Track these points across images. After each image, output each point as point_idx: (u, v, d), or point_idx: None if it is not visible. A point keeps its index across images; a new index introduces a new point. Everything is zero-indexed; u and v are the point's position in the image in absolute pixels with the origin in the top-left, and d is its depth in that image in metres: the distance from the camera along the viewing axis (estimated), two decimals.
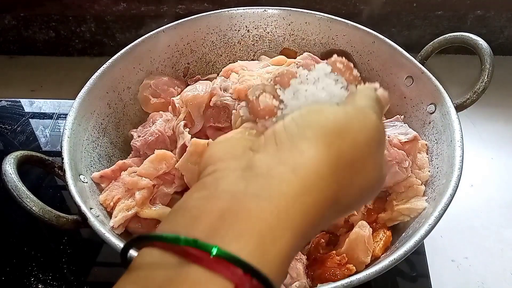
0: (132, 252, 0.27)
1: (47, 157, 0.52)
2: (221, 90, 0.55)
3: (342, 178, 0.28)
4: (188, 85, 0.63)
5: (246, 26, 0.73)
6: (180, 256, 0.23)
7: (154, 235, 0.24)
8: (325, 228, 0.29)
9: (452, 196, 0.48)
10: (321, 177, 0.26)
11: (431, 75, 0.60)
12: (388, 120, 0.62)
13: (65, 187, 0.50)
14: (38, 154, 0.52)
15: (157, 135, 0.58)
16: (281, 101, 0.32)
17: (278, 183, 0.26)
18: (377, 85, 0.35)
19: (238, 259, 0.22)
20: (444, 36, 0.63)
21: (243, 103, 0.35)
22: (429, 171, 0.57)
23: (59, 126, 0.81)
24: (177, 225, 0.25)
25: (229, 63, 0.67)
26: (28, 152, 0.51)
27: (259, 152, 0.28)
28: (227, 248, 0.22)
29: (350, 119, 0.29)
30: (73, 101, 0.58)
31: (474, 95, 0.59)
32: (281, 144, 0.27)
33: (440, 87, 0.59)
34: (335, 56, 0.35)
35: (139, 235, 0.25)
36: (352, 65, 0.35)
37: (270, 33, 0.74)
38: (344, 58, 0.35)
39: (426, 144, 0.59)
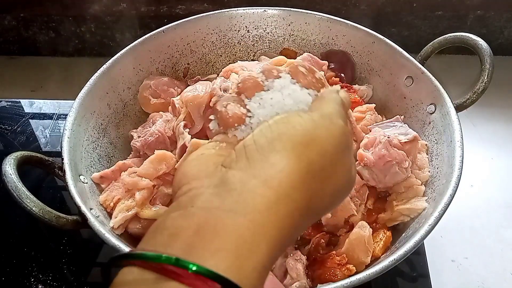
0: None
1: (47, 158, 0.52)
2: (221, 91, 0.55)
3: (313, 186, 0.28)
4: (188, 85, 0.63)
5: (246, 27, 0.73)
6: (158, 274, 0.23)
7: (136, 254, 0.25)
8: (299, 236, 0.30)
9: (452, 196, 0.48)
10: (293, 187, 0.27)
11: (431, 75, 0.60)
12: (388, 120, 0.62)
13: (65, 187, 0.50)
14: (38, 155, 0.52)
15: (157, 135, 0.58)
16: (248, 110, 0.33)
17: (252, 197, 0.26)
18: (338, 87, 0.36)
19: (215, 274, 0.23)
20: (444, 36, 0.63)
21: (211, 117, 0.35)
22: (429, 171, 0.57)
23: (59, 126, 0.82)
24: (156, 243, 0.25)
25: (229, 63, 0.67)
26: (28, 152, 0.51)
27: (231, 168, 0.28)
28: (205, 264, 0.23)
29: (317, 128, 0.30)
30: (73, 101, 0.58)
31: (474, 95, 0.59)
32: (252, 158, 0.28)
33: (440, 87, 0.59)
34: (297, 59, 0.36)
35: (121, 253, 0.26)
36: (314, 68, 0.36)
37: (270, 33, 0.74)
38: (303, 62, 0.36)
39: (426, 145, 0.59)
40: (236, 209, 0.26)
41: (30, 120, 0.83)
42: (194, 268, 0.23)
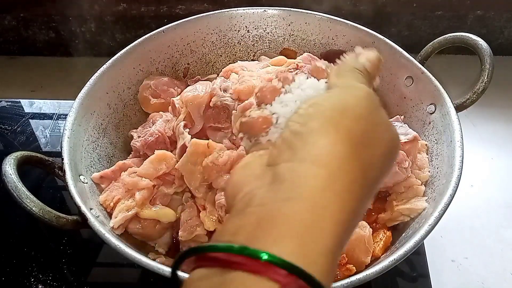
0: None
1: (47, 158, 0.52)
2: (221, 91, 0.55)
3: (360, 151, 0.28)
4: (188, 85, 0.63)
5: (246, 27, 0.73)
6: (224, 268, 0.23)
7: (208, 246, 0.25)
8: (365, 211, 0.29)
9: (452, 196, 0.48)
10: (341, 159, 0.27)
11: (431, 75, 0.60)
12: None
13: (65, 187, 0.50)
14: (38, 155, 0.52)
15: (157, 135, 0.58)
16: (273, 113, 0.33)
17: (305, 181, 0.26)
18: (358, 50, 0.36)
19: (283, 261, 0.22)
20: (444, 36, 0.63)
21: (240, 135, 0.36)
22: (429, 171, 0.57)
23: (59, 126, 0.82)
24: (217, 244, 0.25)
25: (229, 63, 0.67)
26: (28, 152, 0.51)
27: (277, 164, 0.28)
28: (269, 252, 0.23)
29: (344, 97, 0.30)
30: (73, 101, 0.58)
31: (474, 95, 0.59)
32: (293, 146, 0.28)
33: (440, 87, 0.59)
34: (297, 59, 0.36)
35: (191, 247, 0.25)
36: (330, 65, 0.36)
37: (270, 33, 0.74)
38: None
39: (426, 145, 0.59)
40: (293, 197, 0.25)
41: (30, 120, 0.83)
42: (265, 257, 0.22)
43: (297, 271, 0.22)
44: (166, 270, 0.39)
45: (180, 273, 0.28)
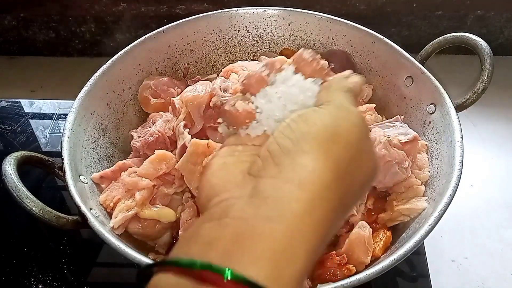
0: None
1: (47, 158, 0.52)
2: (221, 91, 0.55)
3: (344, 181, 0.28)
4: (188, 85, 0.63)
5: (246, 27, 0.73)
6: (194, 280, 0.23)
7: (171, 261, 0.24)
8: (332, 237, 0.30)
9: (452, 196, 0.48)
10: (326, 187, 0.27)
11: (431, 75, 0.60)
12: (388, 120, 0.62)
13: (65, 187, 0.50)
14: (38, 155, 0.52)
15: (157, 135, 0.58)
16: (256, 107, 0.33)
17: (288, 202, 0.26)
18: (347, 73, 0.35)
19: (252, 281, 0.22)
20: (444, 36, 0.63)
21: (219, 120, 0.35)
22: (429, 172, 0.57)
23: (59, 126, 0.82)
24: (190, 251, 0.25)
25: (229, 63, 0.67)
26: (28, 152, 0.51)
27: (261, 177, 0.28)
28: (243, 272, 0.22)
29: (337, 120, 0.30)
30: (73, 101, 0.58)
31: (474, 95, 0.59)
32: (281, 163, 0.28)
33: (440, 87, 0.59)
34: (300, 50, 0.36)
35: (156, 261, 0.26)
36: (318, 55, 0.36)
37: (270, 33, 0.74)
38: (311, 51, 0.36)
39: (426, 145, 0.59)
40: (273, 217, 0.25)
41: (30, 120, 0.83)
42: (229, 274, 0.22)
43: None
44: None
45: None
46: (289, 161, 0.27)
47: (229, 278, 0.22)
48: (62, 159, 0.52)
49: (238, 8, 0.72)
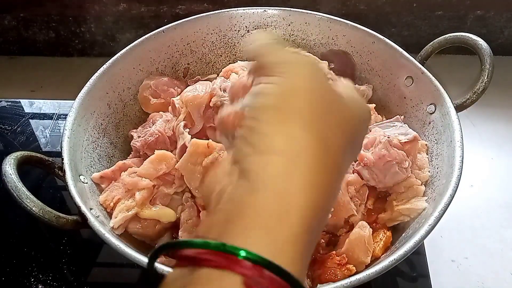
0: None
1: (47, 158, 0.52)
2: (221, 91, 0.55)
3: (319, 131, 0.27)
4: (188, 85, 0.63)
5: (246, 27, 0.73)
6: (194, 266, 0.23)
7: (183, 241, 0.25)
8: (337, 193, 0.29)
9: (452, 196, 0.48)
10: (299, 143, 0.26)
11: (431, 75, 0.60)
12: (388, 120, 0.62)
13: (65, 187, 0.50)
14: (38, 155, 0.52)
15: (157, 135, 0.58)
16: (243, 107, 0.33)
17: (266, 171, 0.26)
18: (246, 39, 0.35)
19: (242, 251, 0.22)
20: (444, 36, 0.63)
21: (218, 134, 0.36)
22: (429, 171, 0.57)
23: (59, 126, 0.82)
24: (194, 240, 0.25)
25: (229, 63, 0.67)
26: (28, 152, 0.51)
27: (242, 160, 0.28)
28: (234, 243, 0.23)
29: (286, 81, 0.29)
30: (73, 101, 0.58)
31: (474, 95, 0.59)
32: (252, 142, 0.28)
33: (440, 87, 0.59)
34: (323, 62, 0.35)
35: (167, 242, 0.26)
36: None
37: None
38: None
39: (426, 145, 0.59)
40: (257, 188, 0.25)
41: (30, 120, 0.83)
42: (229, 249, 0.22)
43: (262, 262, 0.22)
44: (166, 270, 0.39)
45: (157, 266, 0.28)
46: (257, 136, 0.27)
47: (225, 250, 0.22)
48: (62, 159, 0.52)
49: (238, 8, 0.72)
